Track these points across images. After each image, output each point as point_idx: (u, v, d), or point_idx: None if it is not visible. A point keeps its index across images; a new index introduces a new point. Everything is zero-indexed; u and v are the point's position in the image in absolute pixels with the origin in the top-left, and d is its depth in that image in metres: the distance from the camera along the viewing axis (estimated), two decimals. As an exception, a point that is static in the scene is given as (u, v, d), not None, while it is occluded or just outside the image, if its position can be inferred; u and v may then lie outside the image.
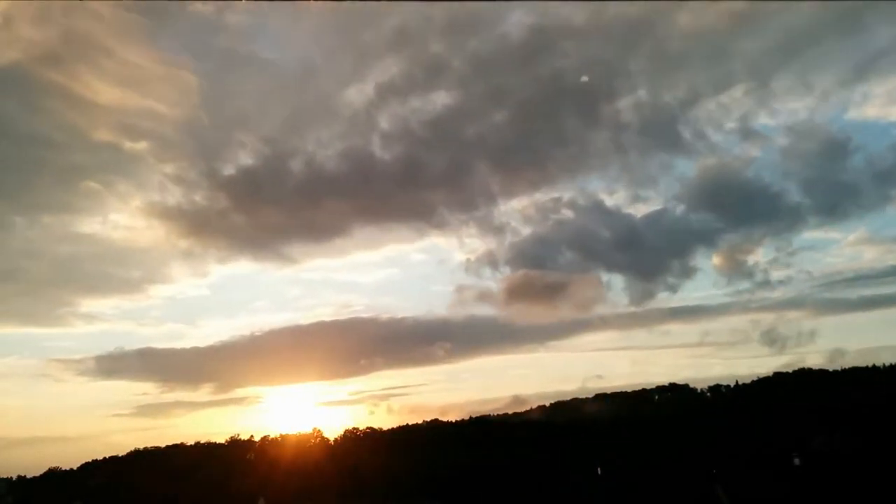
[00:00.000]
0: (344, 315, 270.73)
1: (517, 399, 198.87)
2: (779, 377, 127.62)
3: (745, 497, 61.44)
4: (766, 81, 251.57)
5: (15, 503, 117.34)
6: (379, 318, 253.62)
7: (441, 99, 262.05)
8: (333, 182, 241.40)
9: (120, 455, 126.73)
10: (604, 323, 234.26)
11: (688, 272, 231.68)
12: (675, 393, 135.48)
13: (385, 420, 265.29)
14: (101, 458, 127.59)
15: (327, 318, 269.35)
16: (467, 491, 77.77)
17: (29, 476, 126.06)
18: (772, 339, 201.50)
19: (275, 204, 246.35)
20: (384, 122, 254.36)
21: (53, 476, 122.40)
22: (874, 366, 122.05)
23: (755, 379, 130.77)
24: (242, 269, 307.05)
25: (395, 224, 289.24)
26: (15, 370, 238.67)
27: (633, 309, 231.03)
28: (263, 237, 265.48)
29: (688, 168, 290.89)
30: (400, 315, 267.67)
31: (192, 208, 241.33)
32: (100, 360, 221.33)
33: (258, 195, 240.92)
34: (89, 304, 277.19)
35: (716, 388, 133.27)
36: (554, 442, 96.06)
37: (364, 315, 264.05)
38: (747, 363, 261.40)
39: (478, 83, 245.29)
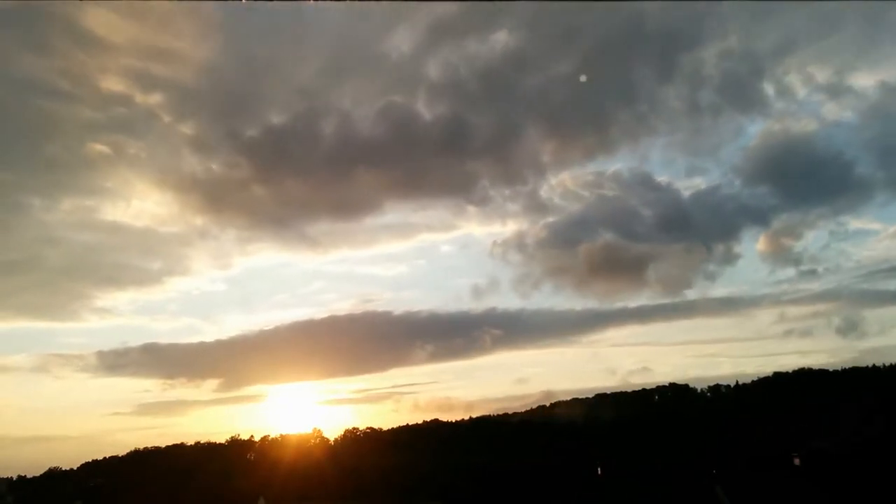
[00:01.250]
0: (361, 309, 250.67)
1: (548, 394, 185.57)
2: (779, 377, 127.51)
3: (745, 497, 61.48)
4: (875, 24, 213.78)
5: (15, 503, 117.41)
6: (397, 312, 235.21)
7: (501, 40, 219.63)
8: (369, 147, 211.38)
9: (120, 455, 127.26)
10: (635, 315, 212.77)
11: (730, 259, 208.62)
12: (675, 393, 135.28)
13: (409, 417, 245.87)
14: (101, 458, 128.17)
15: (342, 313, 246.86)
16: (468, 491, 77.77)
17: (29, 476, 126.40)
18: (847, 329, 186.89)
19: (302, 174, 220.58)
20: (433, 71, 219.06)
21: (53, 476, 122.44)
22: (874, 366, 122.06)
23: (755, 379, 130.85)
24: (265, 259, 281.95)
25: (430, 200, 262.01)
26: (24, 366, 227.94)
27: (666, 300, 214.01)
28: (287, 215, 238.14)
29: (757, 132, 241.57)
30: (417, 308, 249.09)
31: (209, 178, 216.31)
32: (103, 355, 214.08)
33: (284, 163, 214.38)
34: (104, 298, 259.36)
35: (716, 388, 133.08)
36: (554, 442, 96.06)
37: (380, 309, 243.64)
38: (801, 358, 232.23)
39: (545, 22, 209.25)
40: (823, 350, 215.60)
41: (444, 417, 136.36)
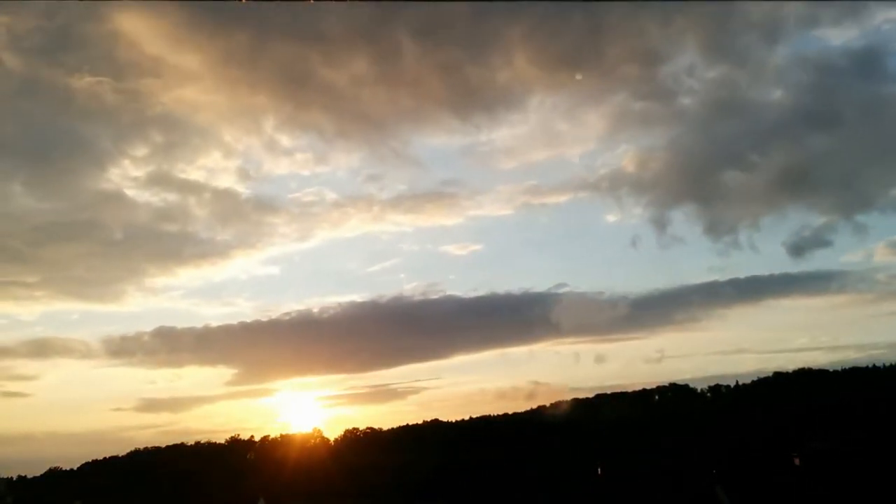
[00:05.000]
0: (420, 292, 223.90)
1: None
2: (779, 377, 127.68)
3: (745, 497, 61.44)
4: None
5: (15, 503, 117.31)
6: (450, 293, 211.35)
7: None
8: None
9: (120, 455, 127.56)
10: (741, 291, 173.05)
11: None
12: (675, 393, 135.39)
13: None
14: (101, 458, 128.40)
15: (388, 296, 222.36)
16: (468, 491, 77.74)
17: (29, 476, 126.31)
18: None
19: (423, 43, 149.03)
20: None
21: (53, 476, 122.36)
22: (874, 366, 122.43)
23: (755, 379, 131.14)
24: (348, 230, 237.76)
25: (590, 94, 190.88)
26: (22, 353, 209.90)
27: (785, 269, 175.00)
28: (387, 121, 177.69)
29: None
30: (464, 291, 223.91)
31: (284, 48, 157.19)
32: (109, 342, 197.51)
33: (397, 18, 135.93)
34: (158, 276, 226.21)
35: (716, 388, 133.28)
36: (555, 442, 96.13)
37: (431, 291, 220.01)
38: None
39: None
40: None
41: (445, 417, 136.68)
